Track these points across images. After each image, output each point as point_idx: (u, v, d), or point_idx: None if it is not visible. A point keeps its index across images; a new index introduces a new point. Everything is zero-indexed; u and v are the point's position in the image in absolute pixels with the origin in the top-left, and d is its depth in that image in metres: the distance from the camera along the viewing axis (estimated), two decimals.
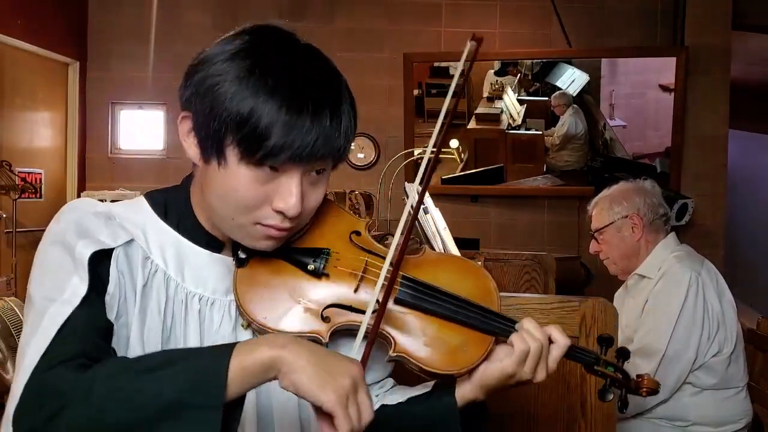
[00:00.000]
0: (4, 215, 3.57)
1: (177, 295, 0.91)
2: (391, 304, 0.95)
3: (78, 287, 0.82)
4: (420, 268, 1.00)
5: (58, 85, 4.15)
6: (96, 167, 4.31)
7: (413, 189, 0.96)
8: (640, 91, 4.06)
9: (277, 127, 0.81)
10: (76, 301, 0.81)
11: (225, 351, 0.72)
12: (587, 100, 4.06)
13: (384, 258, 0.95)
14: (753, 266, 6.49)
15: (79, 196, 4.14)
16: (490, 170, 4.16)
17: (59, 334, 0.78)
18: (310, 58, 0.90)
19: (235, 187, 0.85)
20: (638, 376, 1.04)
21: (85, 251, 0.84)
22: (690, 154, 4.02)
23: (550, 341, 0.98)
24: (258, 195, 0.86)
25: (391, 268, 0.92)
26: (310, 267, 0.94)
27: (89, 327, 0.81)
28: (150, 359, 0.76)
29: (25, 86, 3.84)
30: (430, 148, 0.96)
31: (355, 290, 0.95)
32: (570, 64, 4.05)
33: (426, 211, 2.04)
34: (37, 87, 3.96)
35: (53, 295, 0.82)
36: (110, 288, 0.86)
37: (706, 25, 3.96)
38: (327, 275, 0.95)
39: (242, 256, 0.93)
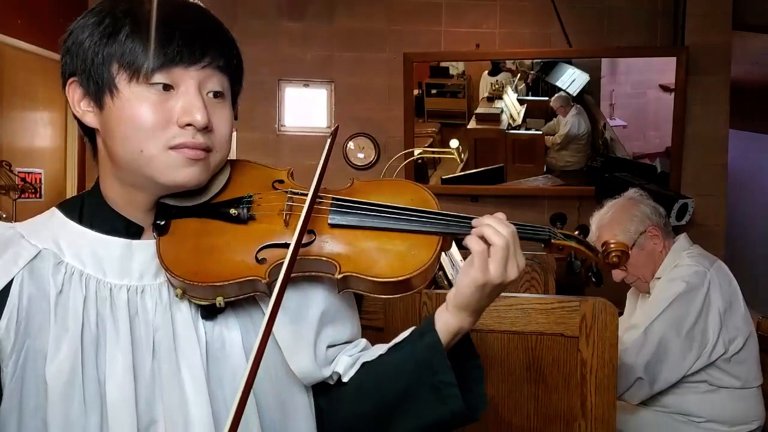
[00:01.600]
0: (4, 215, 3.57)
1: (99, 291, 0.88)
2: (326, 230, 0.92)
3: None
4: (350, 194, 0.97)
5: (58, 85, 4.13)
6: (96, 167, 4.30)
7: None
8: (640, 91, 4.06)
9: (153, 39, 0.84)
10: None
11: None
12: (587, 100, 4.06)
13: (305, 192, 0.92)
14: (753, 266, 6.48)
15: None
16: (490, 170, 4.16)
17: None
18: None
19: (134, 111, 0.85)
20: (603, 243, 1.00)
21: None
22: (690, 154, 4.02)
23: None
24: (158, 114, 0.85)
25: (313, 192, 0.89)
26: (233, 212, 0.92)
27: None
28: None
29: (25, 86, 3.84)
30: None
31: (286, 225, 0.92)
32: (570, 64, 4.05)
33: None
34: (37, 87, 3.96)
35: None
36: (2, 324, 0.83)
37: (706, 25, 3.95)
38: (253, 218, 0.92)
39: (160, 222, 0.91)
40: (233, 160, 1.00)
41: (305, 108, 4.23)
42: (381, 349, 1.01)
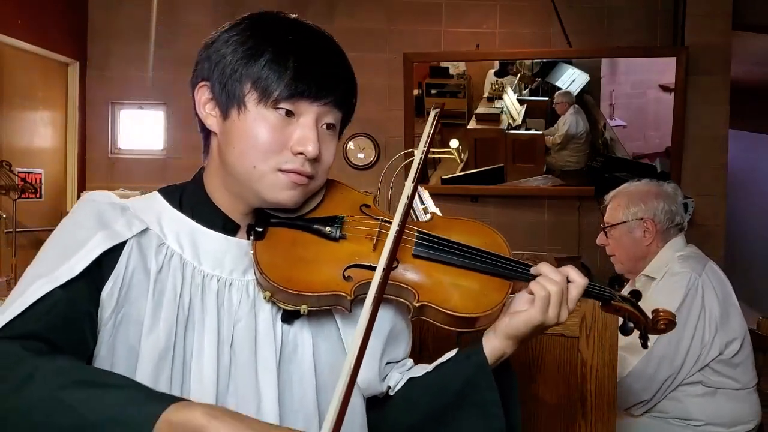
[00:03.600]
0: (4, 215, 3.57)
1: (194, 278, 0.94)
2: (409, 259, 0.99)
3: (71, 269, 0.85)
4: (431, 228, 1.04)
5: (58, 85, 4.15)
6: (96, 167, 4.31)
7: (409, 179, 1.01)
8: (640, 91, 4.06)
9: (289, 68, 0.92)
10: (62, 281, 0.84)
11: (164, 400, 0.71)
12: (587, 100, 4.06)
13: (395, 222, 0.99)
14: (753, 266, 6.48)
15: (79, 196, 4.14)
16: (490, 170, 4.16)
17: (31, 308, 0.81)
18: (310, 25, 1.03)
19: (256, 130, 0.92)
20: (654, 311, 1.06)
21: (101, 245, 0.88)
22: (690, 154, 4.02)
23: (568, 281, 1.00)
24: (277, 138, 0.92)
25: (401, 223, 0.95)
26: (328, 230, 0.99)
27: (63, 310, 0.83)
28: (97, 376, 0.76)
29: (25, 86, 3.84)
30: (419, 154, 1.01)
31: (374, 249, 0.98)
32: (570, 64, 4.05)
33: (426, 211, 2.04)
34: (37, 87, 3.96)
35: (44, 271, 0.85)
36: (107, 286, 0.89)
37: (706, 25, 3.96)
38: (345, 237, 0.99)
39: (259, 228, 0.97)
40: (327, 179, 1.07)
41: None
42: (426, 367, 1.07)
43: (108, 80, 4.27)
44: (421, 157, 1.05)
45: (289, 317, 0.98)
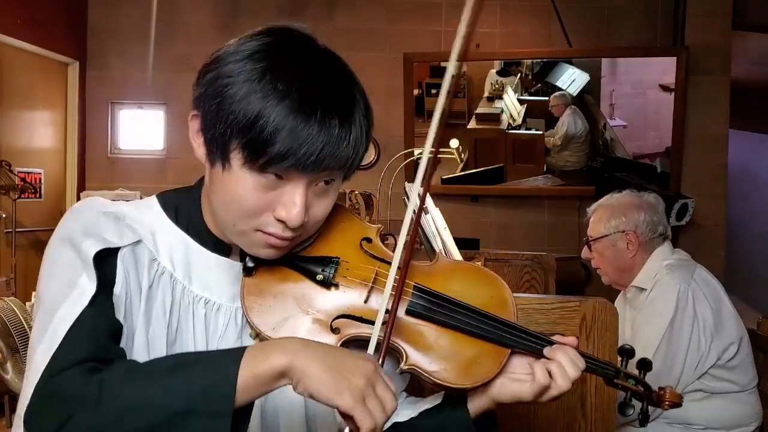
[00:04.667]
0: (4, 215, 3.57)
1: (183, 297, 0.90)
2: (402, 315, 0.92)
3: (87, 286, 0.81)
4: (432, 277, 0.97)
5: (58, 84, 4.15)
6: (96, 167, 4.31)
7: (413, 190, 0.94)
8: (640, 91, 4.06)
9: (282, 133, 0.79)
10: (86, 301, 0.80)
11: (236, 357, 0.71)
12: (587, 99, 4.06)
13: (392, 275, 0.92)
14: (753, 266, 6.48)
15: (78, 196, 4.14)
16: (490, 170, 4.16)
17: (68, 335, 0.77)
18: (325, 64, 0.87)
19: (238, 192, 0.83)
20: (660, 388, 1.01)
21: (90, 249, 0.83)
22: (690, 154, 4.02)
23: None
24: (260, 202, 0.84)
25: (398, 278, 0.89)
26: (319, 277, 0.92)
27: (98, 327, 0.80)
28: (160, 364, 0.75)
29: (25, 86, 3.84)
30: (428, 148, 0.90)
31: (366, 300, 0.92)
32: (570, 63, 4.05)
33: (426, 211, 2.04)
34: (36, 87, 3.96)
35: (62, 295, 0.81)
36: (117, 288, 0.85)
37: (706, 25, 3.96)
38: (336, 285, 0.92)
39: (250, 264, 0.91)
40: None
41: None
42: (412, 408, 1.03)
43: (108, 80, 4.27)
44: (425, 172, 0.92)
45: None
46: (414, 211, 0.91)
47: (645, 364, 1.01)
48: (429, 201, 2.18)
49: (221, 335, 0.92)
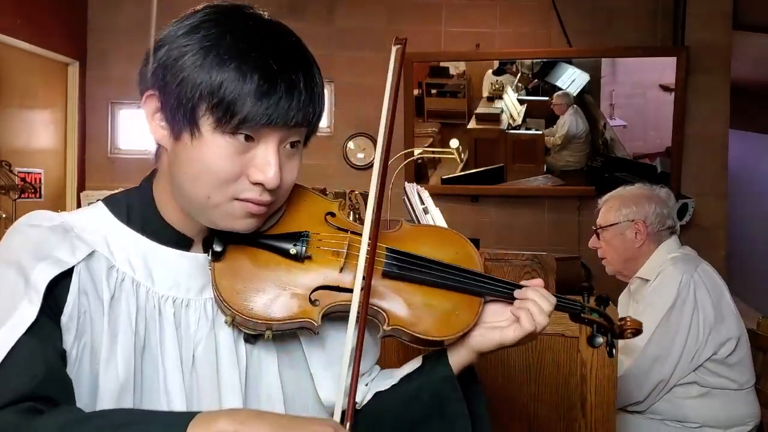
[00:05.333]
0: (4, 215, 3.57)
1: (149, 301, 0.87)
2: (378, 279, 0.94)
3: (26, 311, 0.76)
4: (400, 241, 1.00)
5: (58, 85, 4.15)
6: (95, 167, 4.31)
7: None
8: (640, 91, 4.06)
9: (252, 92, 0.80)
10: (23, 328, 0.75)
11: (182, 422, 0.67)
12: (587, 100, 4.06)
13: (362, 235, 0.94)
14: (753, 266, 6.48)
15: (78, 196, 4.14)
16: (490, 170, 4.16)
17: (3, 367, 0.73)
18: (275, 26, 0.89)
19: (210, 159, 0.82)
20: (621, 319, 1.05)
21: (43, 276, 0.79)
22: (690, 154, 4.02)
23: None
24: (234, 166, 0.83)
25: (371, 242, 0.91)
26: (293, 251, 0.91)
27: (37, 358, 0.75)
28: (101, 422, 0.70)
29: (25, 86, 3.84)
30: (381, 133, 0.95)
31: (341, 269, 0.93)
32: (570, 63, 4.05)
33: (426, 211, 2.04)
34: (36, 87, 3.96)
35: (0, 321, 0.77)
36: (67, 308, 0.81)
37: (706, 25, 3.96)
38: (310, 257, 0.92)
39: (217, 249, 0.90)
40: None
41: None
42: (391, 377, 1.03)
43: (108, 80, 4.27)
44: (382, 149, 0.96)
45: (250, 338, 0.93)
46: (380, 167, 0.94)
47: (603, 300, 1.06)
48: (429, 201, 2.18)
49: (195, 331, 0.90)
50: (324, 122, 4.22)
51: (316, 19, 4.19)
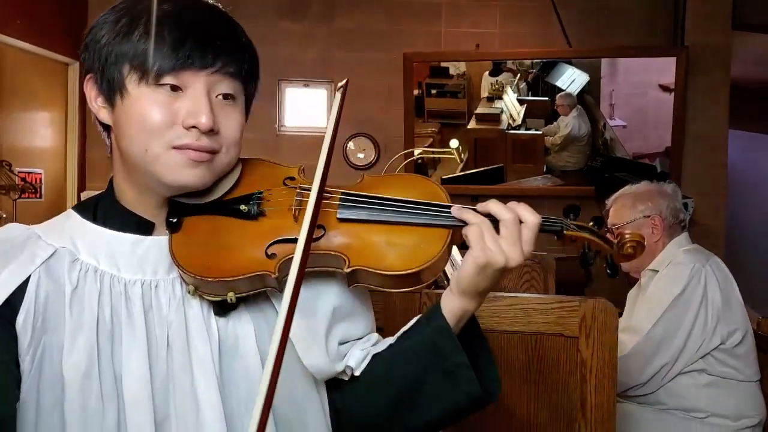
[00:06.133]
0: (4, 215, 3.57)
1: (114, 287, 0.89)
2: (335, 224, 0.92)
3: None
4: (360, 189, 0.97)
5: (58, 85, 4.15)
6: (96, 167, 4.30)
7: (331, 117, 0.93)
8: (640, 91, 4.06)
9: (166, 42, 0.85)
10: None
11: None
12: (587, 100, 4.06)
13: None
14: (753, 266, 6.48)
15: (79, 196, 4.14)
16: (490, 170, 4.16)
17: None
18: None
19: (141, 112, 0.86)
20: (618, 234, 0.97)
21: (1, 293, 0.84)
22: (690, 154, 4.02)
23: (521, 222, 0.92)
24: (165, 115, 0.86)
25: (319, 184, 0.88)
26: (243, 208, 0.92)
27: None
28: None
29: (25, 86, 3.84)
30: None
31: (296, 221, 0.92)
32: (570, 64, 4.05)
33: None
34: (37, 87, 3.96)
35: None
36: (20, 315, 0.85)
37: (706, 25, 3.95)
38: (263, 213, 0.93)
39: (172, 219, 0.92)
40: (245, 158, 1.00)
41: (305, 108, 4.23)
42: (391, 340, 1.01)
43: None
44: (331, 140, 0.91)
45: (222, 310, 0.92)
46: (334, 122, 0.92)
47: (598, 220, 1.00)
48: None
49: (166, 312, 0.90)
50: (324, 122, 4.22)
51: (316, 19, 4.19)
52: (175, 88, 0.87)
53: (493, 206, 0.92)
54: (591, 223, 0.97)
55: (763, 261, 6.57)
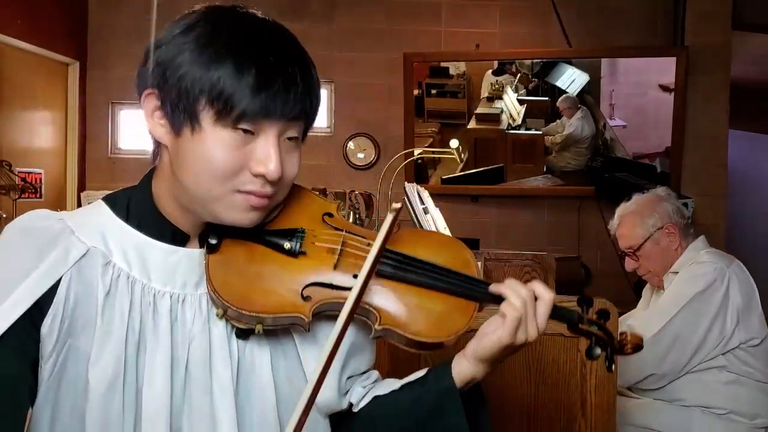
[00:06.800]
0: (4, 215, 3.57)
1: (144, 297, 0.89)
2: (373, 278, 0.93)
3: (5, 318, 0.81)
4: (397, 243, 0.98)
5: (58, 85, 4.15)
6: (96, 167, 4.31)
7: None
8: (640, 91, 4.06)
9: (249, 85, 0.81)
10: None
11: None
12: (587, 100, 4.06)
13: (359, 235, 0.95)
14: (753, 266, 6.48)
15: (79, 196, 4.14)
16: (490, 170, 4.16)
17: None
18: (270, 23, 0.91)
19: (211, 152, 0.83)
20: (621, 333, 1.03)
21: (33, 292, 0.83)
22: (690, 154, 4.02)
23: (535, 298, 0.95)
24: (235, 159, 0.84)
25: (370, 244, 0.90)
26: (287, 246, 0.92)
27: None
28: None
29: (25, 86, 3.84)
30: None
31: (335, 267, 0.93)
32: (570, 64, 4.05)
33: (426, 211, 2.04)
34: (37, 87, 3.96)
35: None
36: (47, 321, 0.84)
37: (706, 25, 3.96)
38: (304, 253, 0.93)
39: (213, 241, 0.90)
40: None
41: None
42: (392, 384, 1.02)
43: (108, 80, 4.27)
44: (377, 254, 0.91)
45: (243, 333, 0.93)
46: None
47: (604, 314, 1.03)
48: (429, 201, 2.18)
49: (190, 327, 0.90)
50: (324, 122, 4.22)
51: (316, 19, 4.19)
52: (248, 132, 0.84)
53: (509, 290, 0.94)
54: (601, 320, 1.03)
55: (763, 261, 6.57)
